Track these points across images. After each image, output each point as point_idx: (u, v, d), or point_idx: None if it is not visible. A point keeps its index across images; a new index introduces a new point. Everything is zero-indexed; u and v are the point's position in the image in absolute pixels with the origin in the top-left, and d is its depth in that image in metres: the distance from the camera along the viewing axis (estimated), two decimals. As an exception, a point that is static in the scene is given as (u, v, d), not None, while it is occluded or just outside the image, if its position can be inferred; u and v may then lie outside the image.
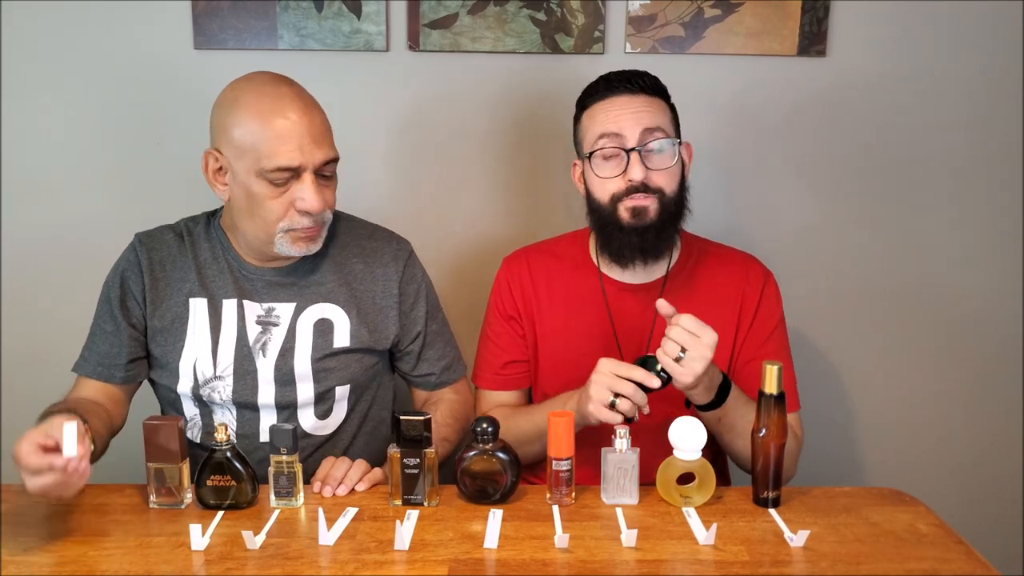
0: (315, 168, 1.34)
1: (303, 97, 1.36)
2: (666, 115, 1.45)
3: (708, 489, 1.27)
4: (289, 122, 1.32)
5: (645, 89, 1.43)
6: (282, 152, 1.32)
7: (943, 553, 1.15)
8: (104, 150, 1.80)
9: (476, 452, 1.27)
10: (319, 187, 1.36)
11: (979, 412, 1.92)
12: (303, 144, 1.32)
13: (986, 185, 1.84)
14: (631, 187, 1.40)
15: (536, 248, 1.60)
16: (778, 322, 1.50)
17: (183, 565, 1.11)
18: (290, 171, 1.33)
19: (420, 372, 1.56)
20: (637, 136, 1.40)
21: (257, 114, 1.33)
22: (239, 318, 1.44)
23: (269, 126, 1.32)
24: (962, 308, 1.88)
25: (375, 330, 1.48)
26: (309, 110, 1.35)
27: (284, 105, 1.33)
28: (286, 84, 1.37)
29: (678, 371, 1.27)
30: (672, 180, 1.43)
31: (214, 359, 1.43)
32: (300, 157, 1.32)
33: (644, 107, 1.42)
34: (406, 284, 1.51)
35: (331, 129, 1.39)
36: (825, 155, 1.82)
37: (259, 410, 1.44)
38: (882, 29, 1.77)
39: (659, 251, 1.46)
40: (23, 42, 1.76)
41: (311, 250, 1.40)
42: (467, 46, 1.75)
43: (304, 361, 1.44)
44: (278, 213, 1.36)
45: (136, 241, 1.48)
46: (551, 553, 1.14)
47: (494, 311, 1.58)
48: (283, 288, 1.46)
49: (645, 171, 1.40)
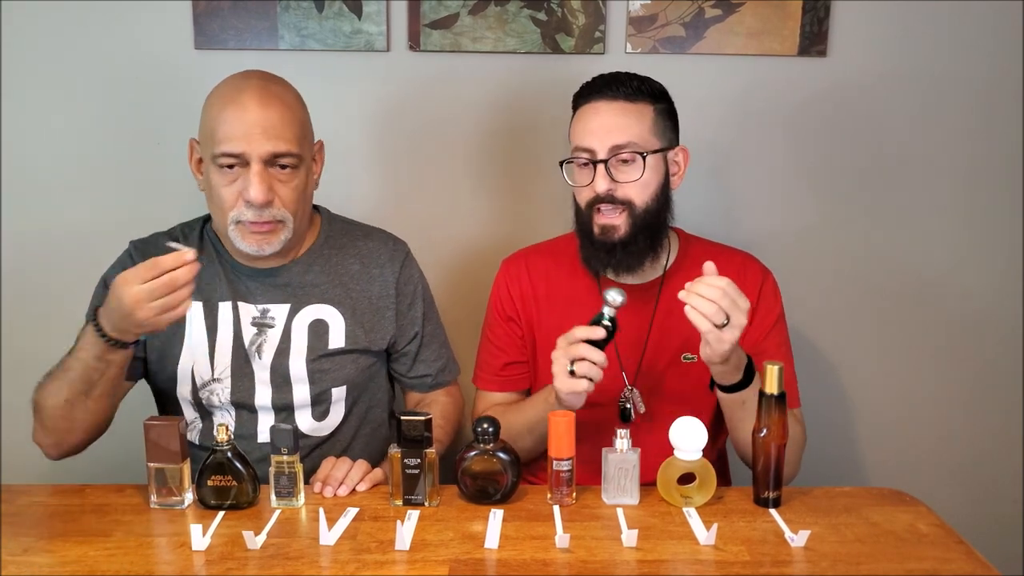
0: (263, 159, 1.33)
1: (268, 90, 1.36)
2: (645, 123, 1.42)
3: (709, 489, 1.27)
4: (241, 110, 1.33)
5: (628, 94, 1.42)
6: (229, 138, 1.33)
7: (943, 553, 1.15)
8: (104, 150, 1.80)
9: (477, 452, 1.27)
10: (269, 180, 1.34)
11: (979, 412, 1.92)
12: (251, 133, 1.32)
13: (986, 185, 1.83)
14: (597, 197, 1.42)
15: (534, 249, 1.60)
16: (776, 319, 1.50)
17: (184, 565, 1.11)
18: (235, 157, 1.33)
19: (416, 374, 1.55)
20: (606, 149, 1.41)
21: (218, 101, 1.36)
22: (235, 320, 1.44)
23: (223, 112, 1.34)
24: (962, 308, 1.88)
25: (371, 330, 1.48)
26: (268, 102, 1.34)
27: (243, 94, 1.34)
28: (258, 77, 1.38)
29: (715, 336, 1.21)
30: (643, 191, 1.42)
31: (212, 361, 1.43)
32: (244, 145, 1.32)
33: (620, 116, 1.41)
34: (403, 284, 1.51)
35: (297, 127, 1.37)
36: (825, 155, 1.82)
37: (257, 411, 1.44)
38: (883, 29, 1.77)
39: (629, 266, 1.45)
40: (23, 42, 1.76)
41: (264, 250, 1.38)
42: (468, 46, 1.75)
43: (299, 362, 1.44)
44: (229, 202, 1.36)
45: (131, 248, 1.48)
46: (552, 553, 1.14)
47: (493, 313, 1.58)
48: (278, 289, 1.46)
49: (611, 183, 1.41)
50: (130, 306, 1.19)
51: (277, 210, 1.36)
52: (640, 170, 1.41)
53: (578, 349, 1.29)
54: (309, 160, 1.42)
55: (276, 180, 1.36)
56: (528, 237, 1.70)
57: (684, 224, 1.58)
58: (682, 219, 1.55)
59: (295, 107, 1.39)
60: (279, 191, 1.36)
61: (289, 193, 1.37)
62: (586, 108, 1.44)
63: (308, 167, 1.42)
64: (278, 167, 1.36)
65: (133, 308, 1.19)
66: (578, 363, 1.28)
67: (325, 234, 1.51)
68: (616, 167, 1.41)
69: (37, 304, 1.84)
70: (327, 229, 1.52)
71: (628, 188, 1.41)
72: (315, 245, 1.49)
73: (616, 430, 1.26)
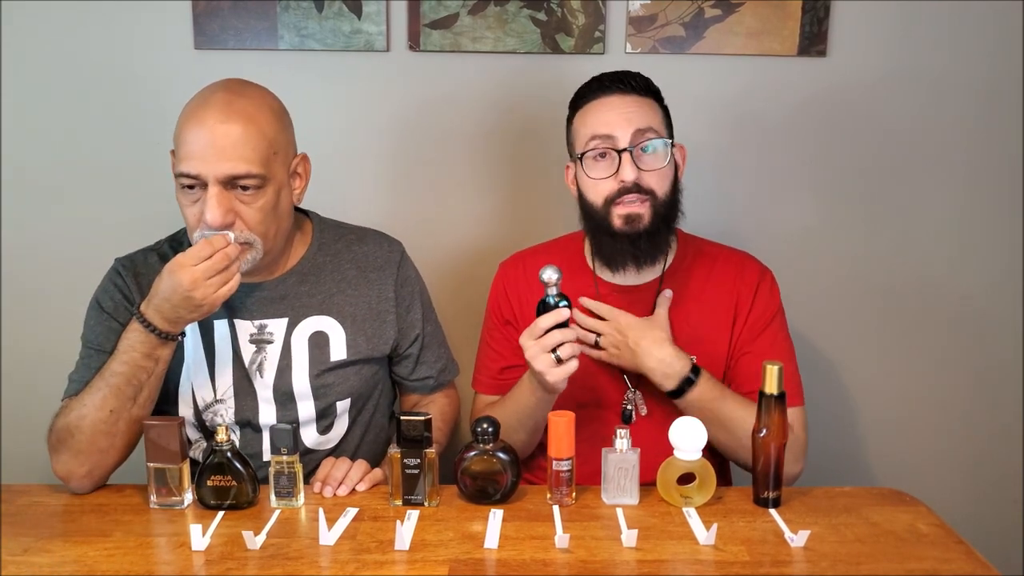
0: (220, 180, 1.27)
1: (232, 105, 1.29)
2: (658, 116, 1.44)
3: (708, 489, 1.27)
4: (200, 129, 1.27)
5: (637, 89, 1.43)
6: (187, 159, 1.28)
7: (943, 553, 1.15)
8: (103, 150, 1.80)
9: (476, 452, 1.27)
10: (228, 203, 1.29)
11: (979, 412, 1.92)
12: (206, 154, 1.27)
13: (986, 185, 1.83)
14: (623, 188, 1.40)
15: (531, 252, 1.60)
16: (773, 316, 1.49)
17: (183, 565, 1.11)
18: (192, 178, 1.28)
19: (419, 376, 1.55)
20: (629, 136, 1.40)
21: (184, 117, 1.31)
22: (232, 339, 1.41)
23: (184, 130, 1.29)
24: (962, 308, 1.88)
25: (373, 336, 1.46)
26: (229, 118, 1.28)
27: (205, 111, 1.28)
28: (223, 91, 1.31)
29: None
30: (664, 181, 1.43)
31: (213, 384, 1.41)
32: (199, 166, 1.27)
33: (635, 107, 1.41)
34: (401, 286, 1.50)
35: (262, 145, 1.30)
36: (825, 155, 1.82)
37: (261, 430, 1.42)
38: (882, 29, 1.76)
39: (652, 257, 1.46)
40: (23, 42, 1.76)
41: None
42: (467, 46, 1.75)
43: (302, 379, 1.42)
44: (192, 222, 1.32)
45: (118, 266, 1.43)
46: (551, 553, 1.14)
47: (491, 316, 1.58)
48: (273, 303, 1.43)
49: (637, 172, 1.40)
50: (189, 285, 1.23)
51: (239, 232, 1.30)
52: (664, 158, 1.41)
53: (552, 337, 1.29)
54: (282, 177, 1.35)
55: (238, 201, 1.30)
56: (529, 238, 1.70)
57: (684, 224, 1.58)
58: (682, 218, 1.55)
59: (262, 122, 1.30)
60: (241, 212, 1.30)
61: (253, 214, 1.31)
62: (595, 104, 1.43)
63: (279, 185, 1.34)
64: (239, 188, 1.30)
65: (192, 288, 1.23)
66: (560, 348, 1.29)
67: (318, 242, 1.47)
68: (639, 157, 1.40)
69: (37, 304, 1.84)
70: (319, 236, 1.48)
71: (651, 177, 1.41)
72: (308, 254, 1.46)
73: (616, 430, 1.26)
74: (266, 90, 1.37)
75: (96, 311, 1.41)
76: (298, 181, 1.41)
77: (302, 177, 1.41)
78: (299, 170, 1.40)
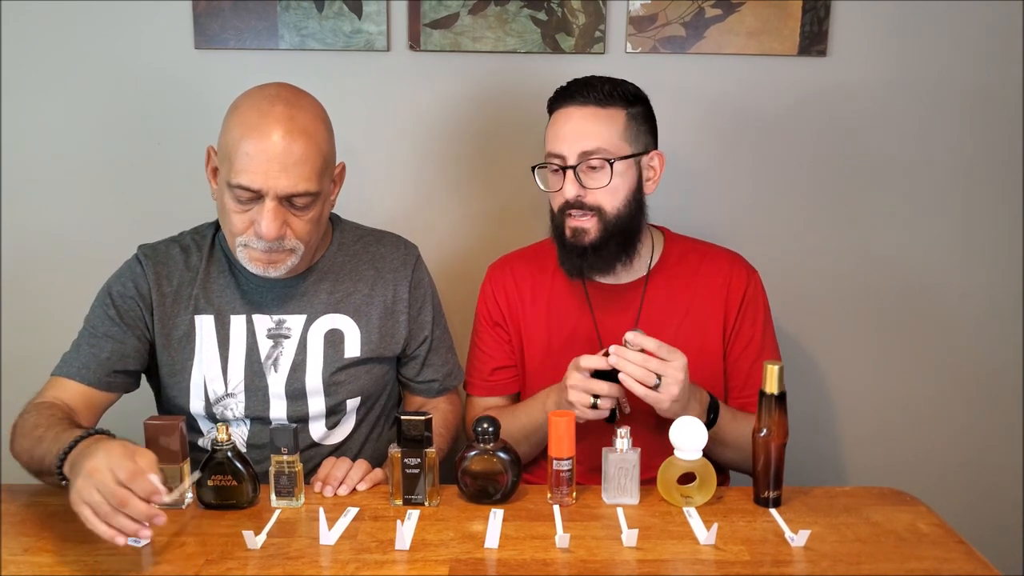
0: (278, 196, 1.29)
1: (294, 121, 1.30)
2: (616, 128, 1.42)
3: (709, 489, 1.27)
4: (263, 143, 1.28)
5: (598, 100, 1.42)
6: (246, 171, 1.28)
7: (944, 553, 1.15)
8: (104, 150, 1.80)
9: (477, 452, 1.27)
10: (283, 215, 1.31)
11: (979, 412, 1.92)
12: (269, 169, 1.28)
13: (986, 185, 1.84)
14: (567, 203, 1.43)
15: (520, 254, 1.61)
16: (764, 319, 1.51)
17: (183, 565, 1.11)
18: (251, 192, 1.29)
19: (424, 378, 1.55)
20: (576, 155, 1.41)
21: (241, 125, 1.30)
22: (248, 333, 1.43)
23: (244, 141, 1.28)
24: (962, 308, 1.88)
25: (385, 335, 1.48)
26: (291, 136, 1.29)
27: (267, 125, 1.28)
28: (283, 104, 1.31)
29: (654, 397, 1.29)
30: (613, 197, 1.43)
31: (225, 377, 1.42)
32: (261, 181, 1.28)
33: (591, 122, 1.41)
34: (414, 288, 1.51)
35: (320, 161, 1.33)
36: (825, 155, 1.82)
37: (271, 424, 1.43)
38: (883, 29, 1.77)
39: (600, 269, 1.47)
40: (23, 42, 1.76)
41: (269, 273, 1.36)
42: (468, 46, 1.75)
43: (316, 376, 1.43)
44: (239, 228, 1.33)
45: (140, 254, 1.45)
46: (552, 553, 1.14)
47: (481, 319, 1.59)
48: (293, 300, 1.44)
49: (581, 189, 1.42)
50: (87, 472, 1.07)
51: (288, 241, 1.34)
52: (608, 176, 1.42)
53: (599, 386, 1.31)
54: (328, 189, 1.39)
55: (290, 214, 1.33)
56: (529, 238, 1.70)
57: (681, 224, 1.58)
58: (679, 218, 1.55)
59: (319, 139, 1.33)
60: (292, 224, 1.33)
61: (303, 226, 1.34)
62: (558, 114, 1.45)
63: (326, 196, 1.38)
64: (293, 204, 1.32)
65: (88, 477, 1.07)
66: (602, 399, 1.32)
67: (338, 242, 1.50)
68: (585, 173, 1.42)
69: (37, 304, 1.84)
70: (339, 236, 1.51)
71: (597, 194, 1.42)
72: (329, 253, 1.48)
73: (616, 429, 1.26)
74: (314, 98, 1.38)
75: (104, 294, 1.43)
76: (335, 188, 1.44)
77: (337, 183, 1.44)
78: (336, 179, 1.43)
